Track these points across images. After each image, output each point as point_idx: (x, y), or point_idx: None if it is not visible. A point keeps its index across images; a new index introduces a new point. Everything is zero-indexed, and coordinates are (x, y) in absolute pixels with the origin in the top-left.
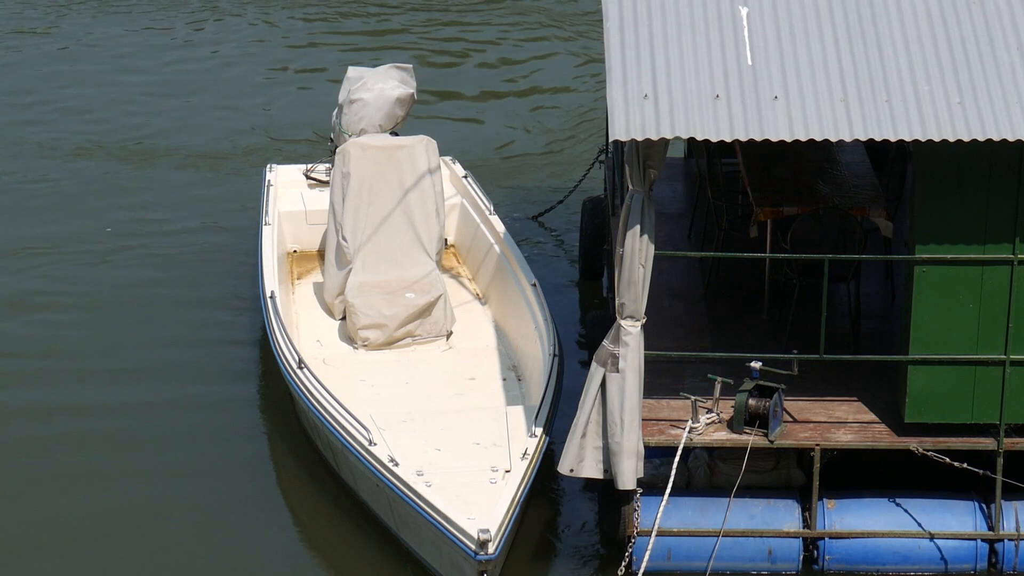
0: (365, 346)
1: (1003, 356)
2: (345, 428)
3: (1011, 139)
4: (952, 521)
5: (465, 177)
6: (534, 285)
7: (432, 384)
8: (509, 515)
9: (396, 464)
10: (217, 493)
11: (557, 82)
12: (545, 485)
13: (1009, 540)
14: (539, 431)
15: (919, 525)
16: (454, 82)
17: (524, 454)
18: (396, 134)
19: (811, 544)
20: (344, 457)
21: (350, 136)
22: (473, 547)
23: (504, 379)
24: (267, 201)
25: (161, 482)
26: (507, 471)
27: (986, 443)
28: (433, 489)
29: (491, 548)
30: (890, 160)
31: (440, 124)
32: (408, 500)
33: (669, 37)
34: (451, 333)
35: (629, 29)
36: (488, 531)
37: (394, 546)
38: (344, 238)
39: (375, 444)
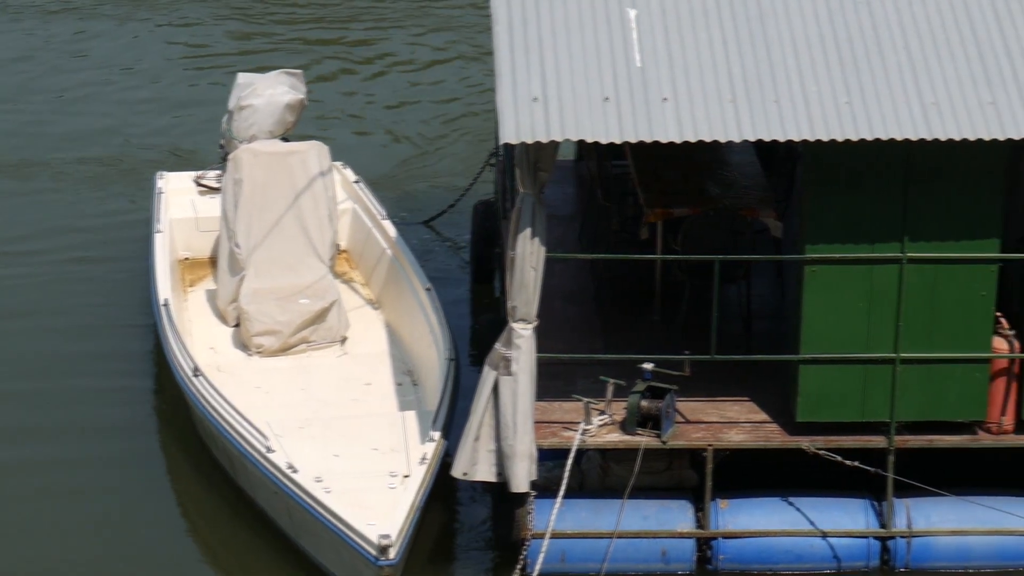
0: (260, 353)
1: (893, 354)
2: (242, 435)
3: (899, 138)
4: (844, 519)
5: (357, 182)
6: (428, 289)
7: (328, 390)
8: (409, 520)
9: (295, 471)
10: (112, 504)
11: (444, 86)
12: (443, 489)
13: (901, 537)
14: (437, 435)
15: (812, 524)
16: (339, 89)
17: (423, 459)
18: (287, 140)
19: (704, 544)
20: (242, 464)
21: (241, 142)
22: (374, 552)
23: (400, 384)
24: (158, 208)
25: (55, 497)
26: (406, 476)
27: (877, 441)
28: (332, 495)
29: (392, 553)
30: (779, 160)
31: (328, 130)
32: (307, 507)
33: (558, 39)
34: (346, 338)
35: (518, 32)
36: (389, 536)
37: (294, 553)
38: (237, 244)
39: (273, 451)
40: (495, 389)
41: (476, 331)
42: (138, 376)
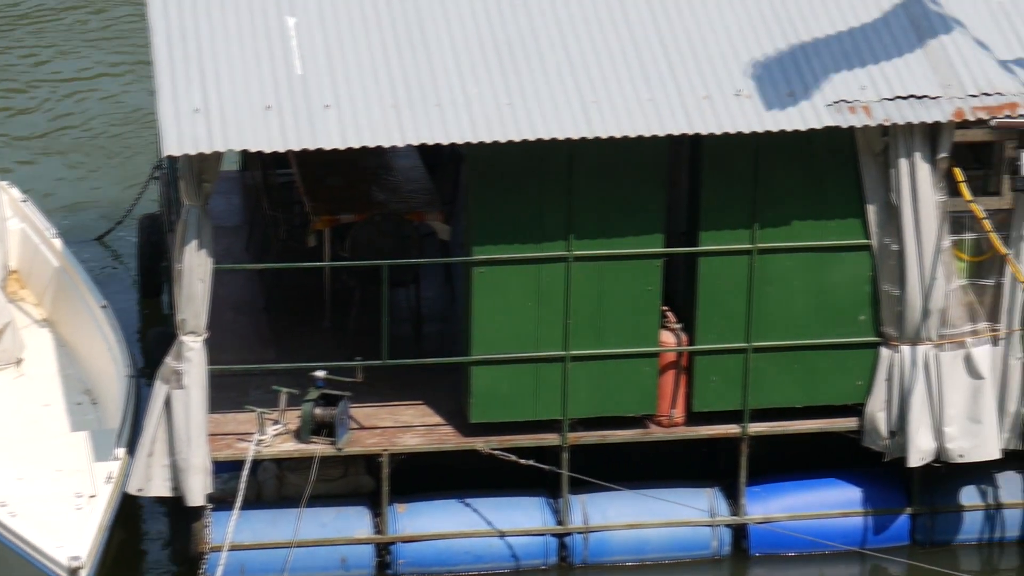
0: None
1: (563, 352)
2: None
3: (560, 138)
4: (522, 518)
5: (24, 201)
6: (104, 307)
7: (6, 412)
8: (98, 540)
9: None
10: None
11: (107, 99)
12: (126, 505)
13: (578, 533)
14: (121, 453)
15: (489, 524)
16: (0, 107)
17: (108, 478)
18: None
19: (384, 549)
20: None
21: None
22: (64, 575)
23: (79, 403)
24: None
25: None
26: (92, 496)
27: (551, 439)
28: (19, 519)
29: (83, 575)
30: (444, 163)
31: None
32: None
33: (217, 49)
34: (21, 360)
35: (176, 43)
36: (79, 558)
37: None
38: None
39: None
40: (167, 403)
41: (146, 346)
42: None
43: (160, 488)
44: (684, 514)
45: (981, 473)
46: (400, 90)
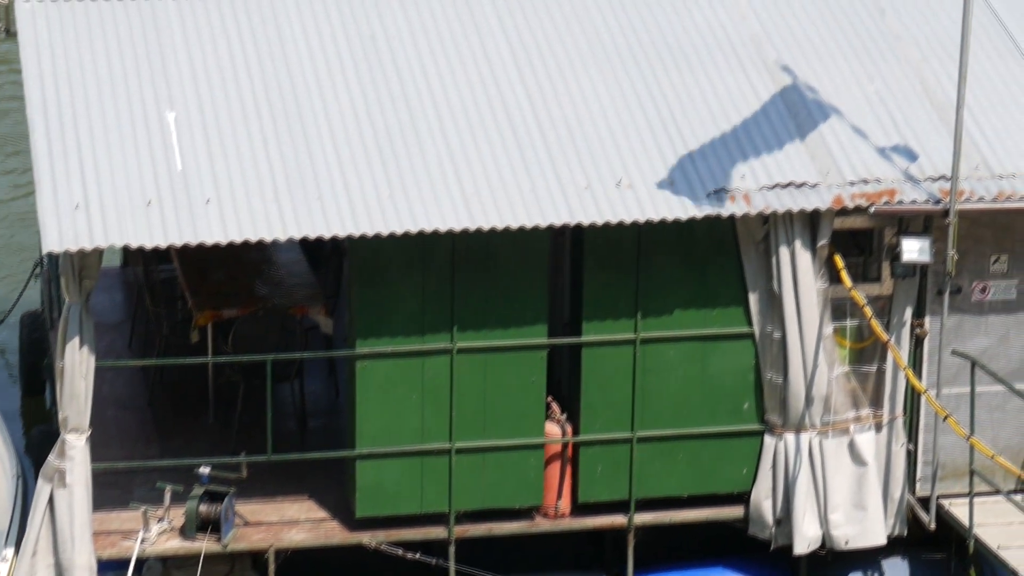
0: None
1: (448, 445)
2: None
3: (442, 229)
4: None
5: None
6: None
7: None
8: None
9: None
10: None
11: None
12: None
13: None
14: (9, 554)
15: None
16: None
17: None
18: None
19: None
20: None
21: None
22: None
23: None
24: None
25: None
26: None
27: (438, 532)
28: None
29: None
30: (326, 256)
31: None
32: None
33: (97, 145)
34: None
35: (56, 139)
36: None
37: None
38: None
39: None
40: (51, 502)
41: (29, 445)
42: None
43: None
44: None
45: (867, 560)
46: (281, 183)
